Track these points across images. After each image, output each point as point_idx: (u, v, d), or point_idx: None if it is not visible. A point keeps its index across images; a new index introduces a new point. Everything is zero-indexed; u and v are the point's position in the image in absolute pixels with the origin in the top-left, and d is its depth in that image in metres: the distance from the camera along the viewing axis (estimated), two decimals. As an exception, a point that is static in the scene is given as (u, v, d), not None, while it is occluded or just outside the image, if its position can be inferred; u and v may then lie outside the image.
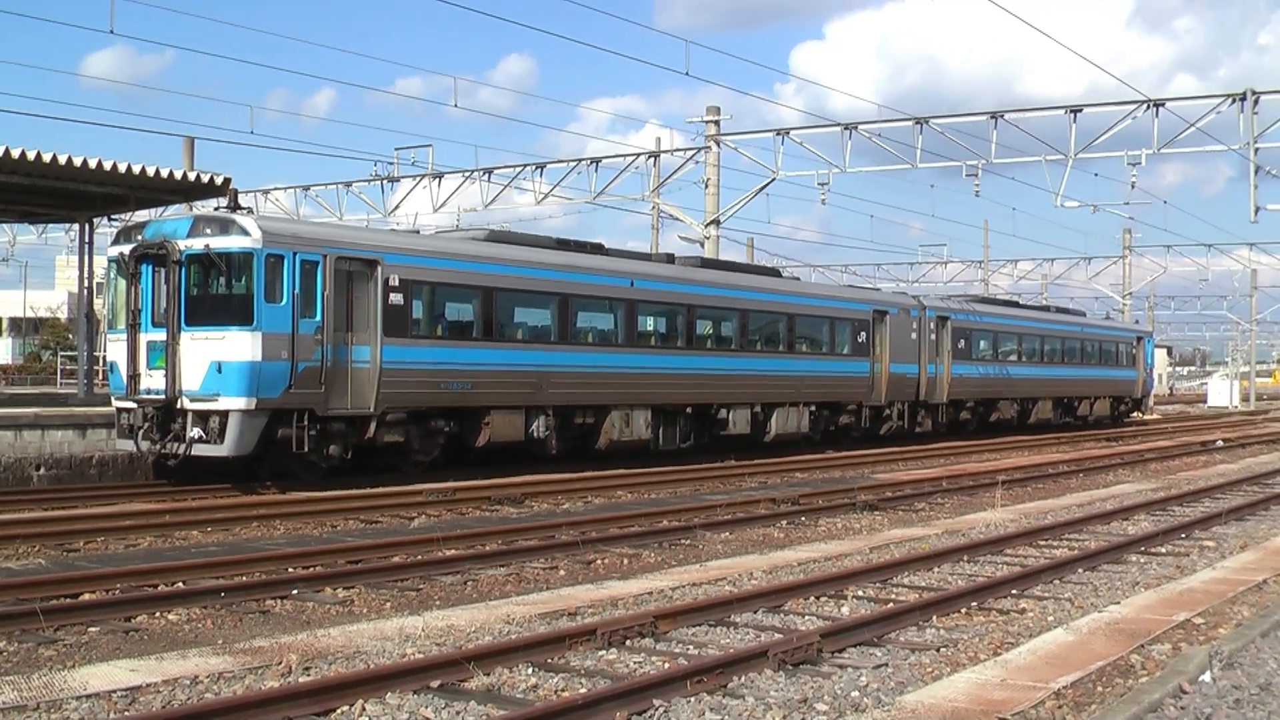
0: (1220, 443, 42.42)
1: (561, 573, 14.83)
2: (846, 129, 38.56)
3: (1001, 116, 37.17)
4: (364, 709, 8.58)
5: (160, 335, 21.90)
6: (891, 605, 12.55)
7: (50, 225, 50.62)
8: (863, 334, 36.21)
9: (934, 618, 12.09)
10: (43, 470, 22.56)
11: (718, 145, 40.05)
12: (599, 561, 15.62)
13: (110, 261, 23.55)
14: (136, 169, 24.89)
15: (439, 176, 46.39)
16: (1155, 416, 65.79)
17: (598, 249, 29.22)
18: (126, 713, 8.55)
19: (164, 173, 25.40)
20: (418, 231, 31.54)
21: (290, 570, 14.17)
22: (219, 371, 21.24)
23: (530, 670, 9.74)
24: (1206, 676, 9.20)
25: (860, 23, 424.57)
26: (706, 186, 40.29)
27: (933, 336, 39.62)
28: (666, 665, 9.96)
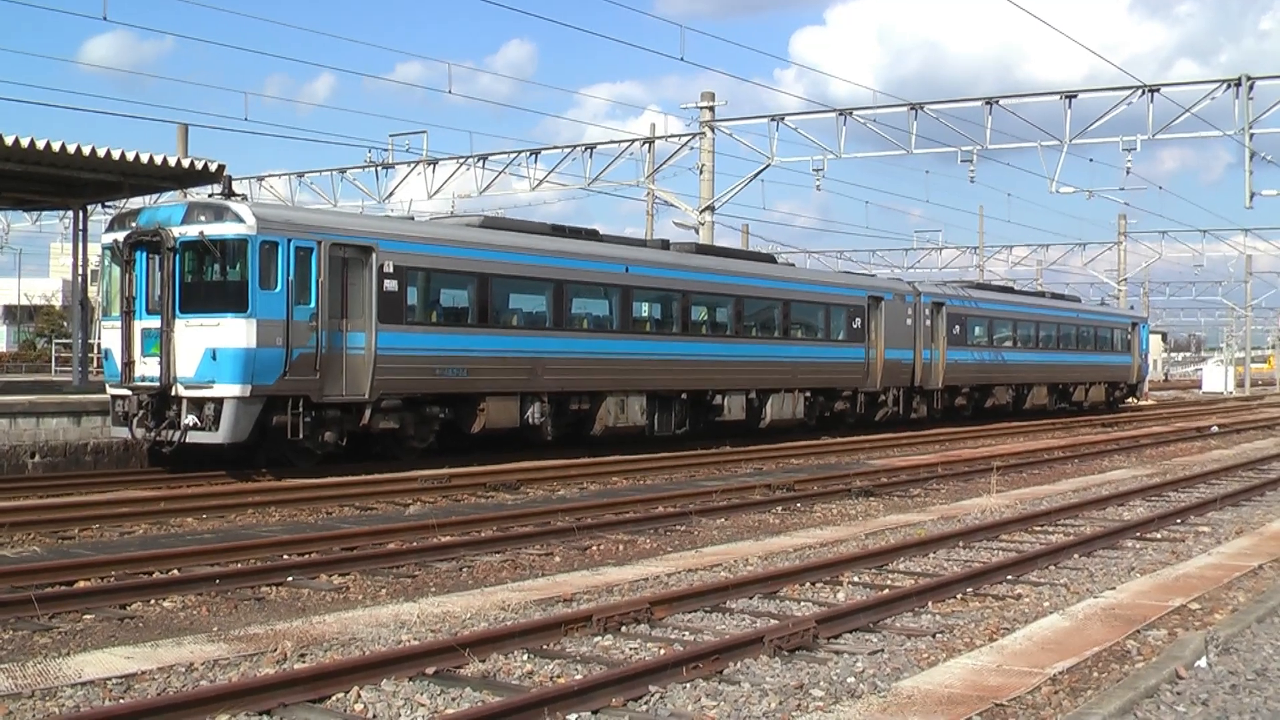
0: (1215, 428, 42.46)
1: (557, 559, 14.82)
2: (842, 115, 38.51)
3: (997, 102, 37.13)
4: (359, 695, 8.57)
5: (155, 322, 21.87)
6: (887, 591, 12.56)
7: (44, 212, 50.48)
8: (858, 320, 36.21)
9: (930, 604, 12.10)
10: (38, 458, 22.53)
11: (712, 131, 40.00)
12: (595, 548, 15.61)
13: (104, 249, 23.50)
14: (130, 156, 24.87)
15: (434, 163, 46.32)
16: (1150, 402, 65.89)
17: (592, 235, 29.20)
18: (122, 700, 8.53)
19: (158, 159, 25.38)
20: (412, 218, 31.48)
21: (285, 557, 14.17)
22: (214, 358, 21.22)
23: (526, 657, 9.73)
24: (1202, 662, 9.21)
25: (861, 8, 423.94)
26: (701, 172, 40.27)
27: (928, 322, 39.61)
28: (662, 651, 9.95)
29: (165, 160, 25.64)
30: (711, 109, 40.06)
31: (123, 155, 24.76)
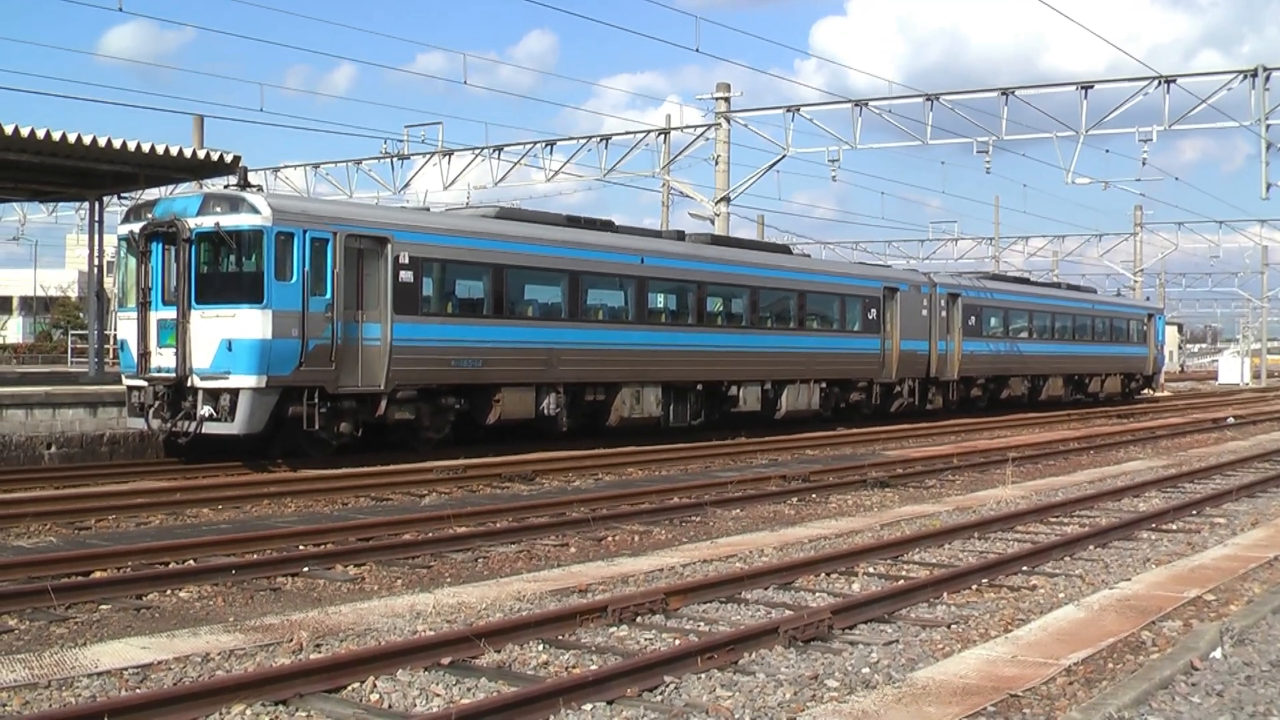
0: (1231, 420, 42.34)
1: (572, 550, 14.83)
2: (857, 105, 38.42)
3: (1013, 93, 37.02)
4: (375, 685, 8.59)
5: (170, 313, 21.92)
6: (902, 582, 12.55)
7: (60, 204, 50.69)
8: (873, 311, 36.15)
9: (945, 595, 12.08)
10: (54, 449, 22.60)
11: (728, 122, 39.95)
12: (610, 538, 15.62)
13: (120, 240, 23.56)
14: (146, 147, 24.91)
15: (449, 154, 46.35)
16: (1166, 394, 65.71)
17: (608, 226, 29.20)
18: (138, 690, 8.56)
19: (174, 151, 25.41)
20: (428, 209, 31.49)
21: (301, 548, 14.19)
22: (229, 349, 21.27)
23: (541, 647, 9.74)
24: (1217, 653, 9.19)
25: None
26: (717, 163, 40.23)
27: (943, 313, 39.55)
28: (677, 642, 9.96)
29: (181, 151, 25.68)
30: (727, 100, 40.01)
31: (138, 147, 24.80)
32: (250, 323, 21.24)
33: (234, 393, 21.25)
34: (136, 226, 22.60)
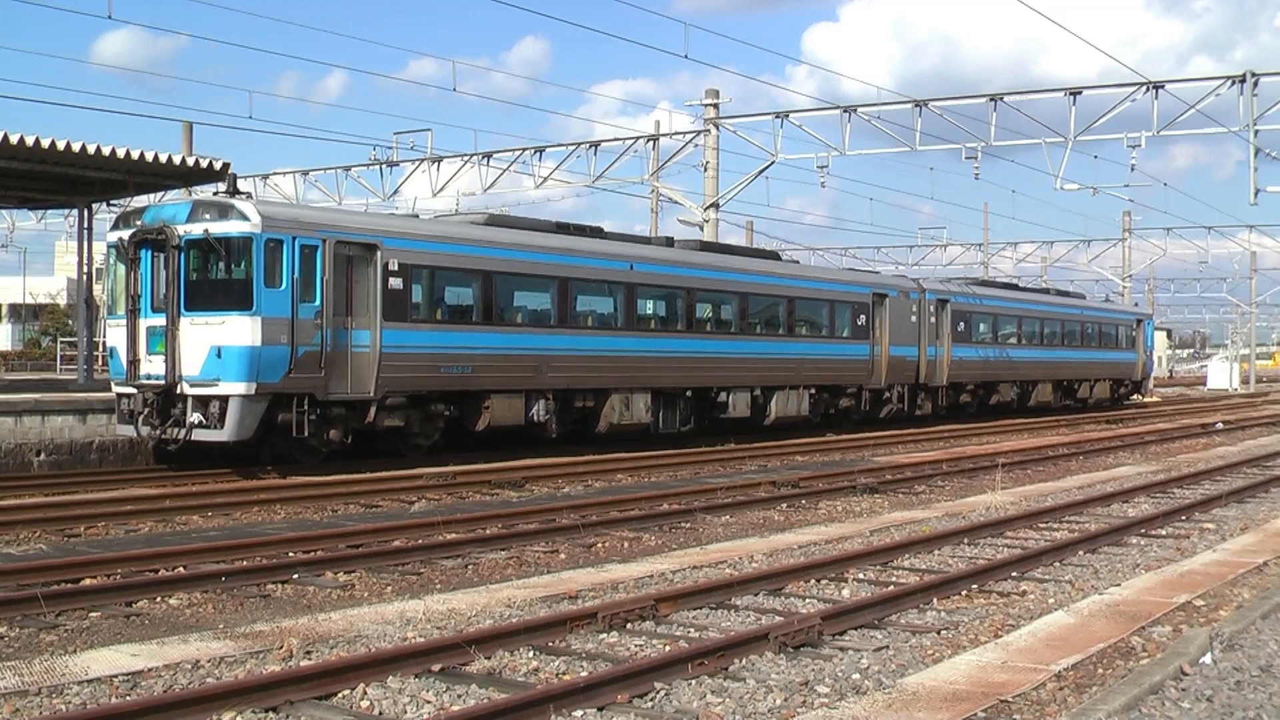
0: (1220, 425, 42.42)
1: (562, 556, 14.83)
2: (846, 111, 38.46)
3: (1002, 99, 37.10)
4: (365, 692, 8.58)
5: (160, 320, 21.89)
6: (892, 588, 12.56)
7: (50, 211, 50.53)
8: (862, 317, 36.19)
9: (934, 600, 12.10)
10: (43, 456, 22.56)
11: (717, 128, 39.97)
12: (599, 545, 15.62)
13: (109, 247, 23.52)
14: (135, 154, 24.85)
15: (438, 161, 46.35)
16: (1155, 399, 65.79)
17: (597, 232, 29.20)
18: (128, 697, 8.55)
19: (163, 158, 25.36)
20: (417, 215, 31.48)
21: (291, 554, 14.17)
22: (219, 356, 21.24)
23: (531, 653, 9.74)
24: (1207, 658, 9.21)
25: (876, 4, 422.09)
26: (705, 170, 40.23)
27: (932, 319, 39.60)
28: (667, 648, 9.97)
29: (170, 159, 25.63)
30: (716, 106, 40.02)
31: (128, 154, 24.75)
32: (240, 329, 21.22)
33: (223, 399, 21.22)
34: (126, 233, 22.57)
